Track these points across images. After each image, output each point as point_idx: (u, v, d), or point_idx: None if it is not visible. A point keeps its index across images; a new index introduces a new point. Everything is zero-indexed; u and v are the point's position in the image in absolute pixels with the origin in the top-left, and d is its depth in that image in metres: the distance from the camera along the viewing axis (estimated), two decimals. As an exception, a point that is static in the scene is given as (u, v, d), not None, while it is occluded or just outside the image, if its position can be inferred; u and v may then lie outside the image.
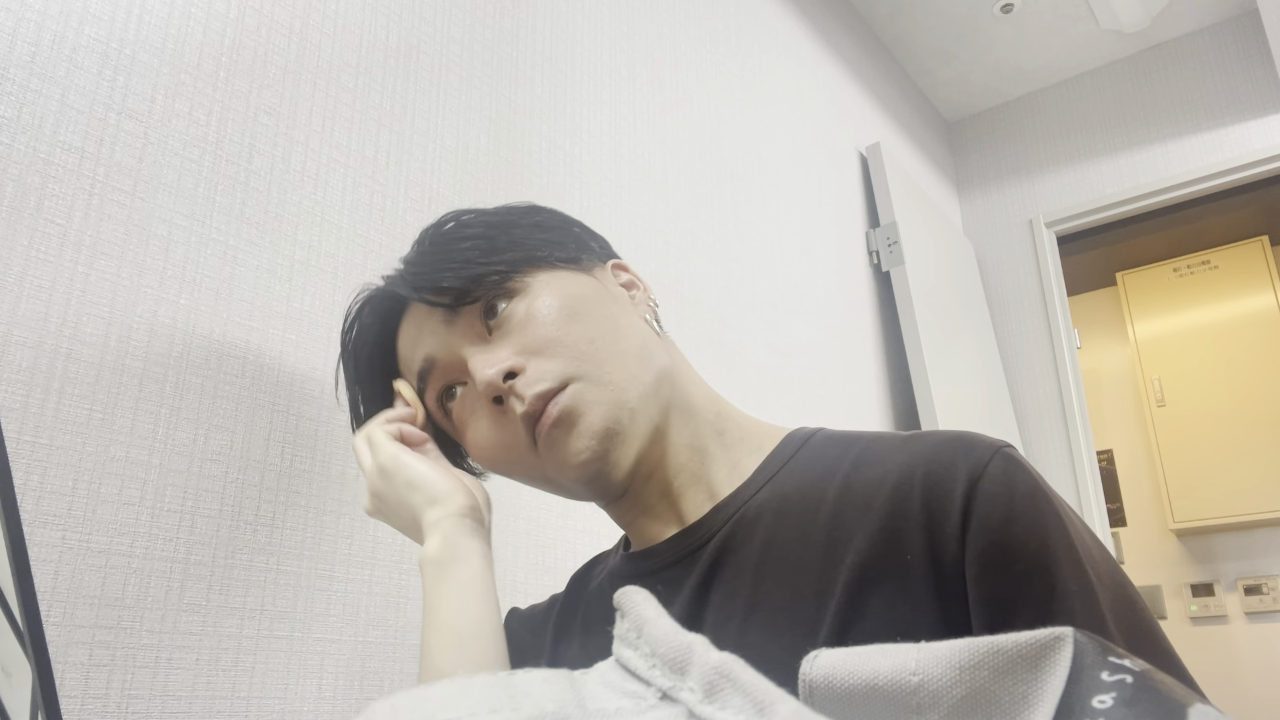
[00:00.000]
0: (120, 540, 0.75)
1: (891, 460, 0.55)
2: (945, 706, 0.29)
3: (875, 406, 2.09)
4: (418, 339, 0.65)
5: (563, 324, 0.61)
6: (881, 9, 2.52)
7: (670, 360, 0.65)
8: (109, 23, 0.83)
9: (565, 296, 0.62)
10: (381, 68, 1.10)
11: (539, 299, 0.62)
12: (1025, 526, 0.49)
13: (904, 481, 0.53)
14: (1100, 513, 2.46)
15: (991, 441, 0.53)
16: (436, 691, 0.31)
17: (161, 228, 0.83)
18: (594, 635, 0.65)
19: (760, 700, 0.28)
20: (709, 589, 0.57)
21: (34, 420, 0.72)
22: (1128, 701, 0.26)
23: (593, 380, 0.59)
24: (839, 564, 0.52)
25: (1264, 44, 2.46)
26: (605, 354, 0.60)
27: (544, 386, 0.58)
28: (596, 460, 0.58)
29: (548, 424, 0.58)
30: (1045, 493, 0.51)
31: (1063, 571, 0.48)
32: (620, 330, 0.62)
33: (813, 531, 0.55)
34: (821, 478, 0.57)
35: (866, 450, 0.57)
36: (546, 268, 0.64)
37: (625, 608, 0.38)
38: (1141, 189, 2.59)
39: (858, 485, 0.55)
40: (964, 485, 0.50)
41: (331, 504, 0.91)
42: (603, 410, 0.58)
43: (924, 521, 0.51)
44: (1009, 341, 2.66)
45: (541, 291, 0.62)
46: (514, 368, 0.59)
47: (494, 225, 0.66)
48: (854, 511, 0.54)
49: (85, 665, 0.71)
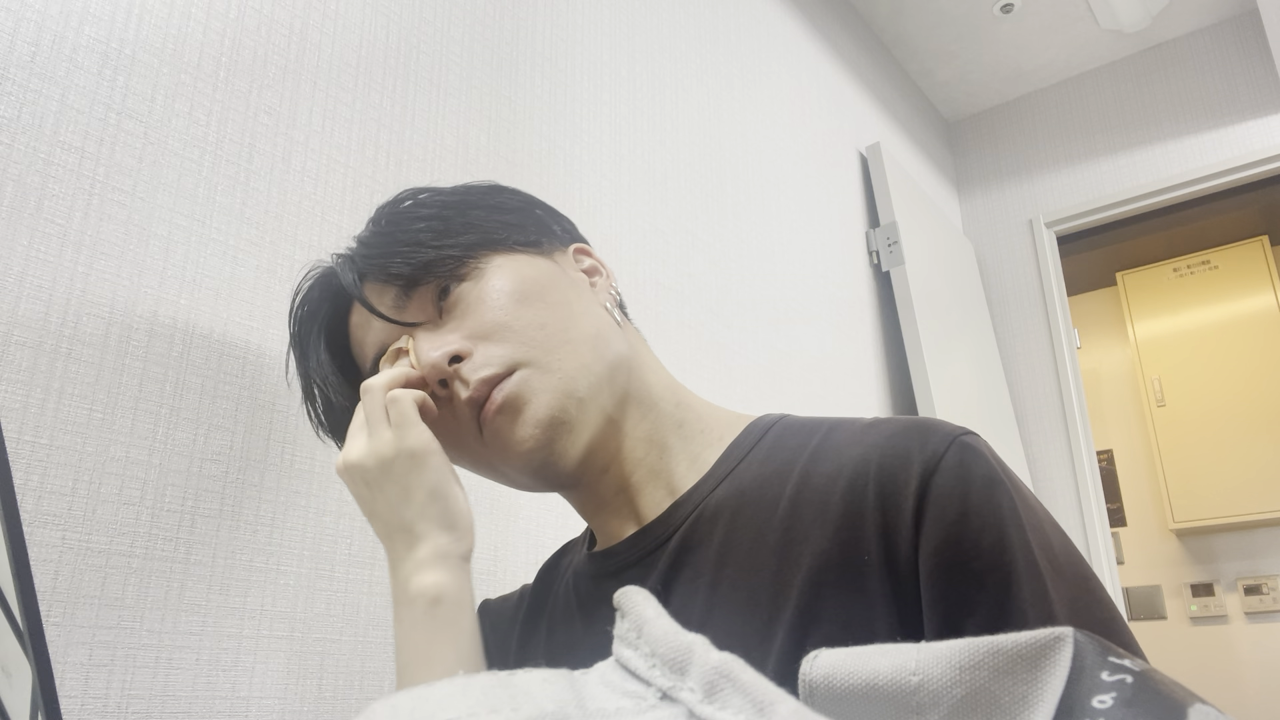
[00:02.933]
0: (120, 540, 0.75)
1: (847, 453, 0.53)
2: (945, 706, 0.29)
3: (875, 407, 2.09)
4: (369, 321, 0.63)
5: (513, 308, 0.58)
6: (881, 9, 2.52)
7: (629, 349, 0.62)
8: (109, 23, 0.83)
9: (518, 281, 0.60)
10: (381, 68, 1.10)
11: (491, 282, 0.60)
12: (981, 521, 0.47)
13: (859, 477, 0.51)
14: (1100, 513, 2.46)
15: (948, 430, 0.51)
16: (436, 691, 0.31)
17: (161, 228, 0.83)
18: (558, 634, 0.64)
19: (760, 700, 0.28)
20: (669, 591, 0.56)
21: (34, 420, 0.72)
22: (1128, 701, 0.26)
23: (540, 367, 0.57)
24: (795, 567, 0.51)
25: (1264, 44, 2.46)
26: (556, 340, 0.58)
27: (489, 372, 0.56)
28: (541, 450, 0.56)
29: (492, 410, 0.56)
30: (1002, 482, 0.49)
31: (1018, 567, 0.46)
32: (574, 317, 0.60)
33: (768, 532, 0.53)
34: (779, 472, 0.56)
35: (825, 440, 0.56)
36: (503, 251, 0.62)
37: (625, 608, 0.38)
38: (1141, 189, 2.59)
39: (815, 480, 0.53)
40: (918, 479, 0.49)
41: (332, 504, 0.91)
42: (548, 399, 0.56)
43: (879, 520, 0.49)
44: (1009, 341, 2.66)
45: (494, 275, 0.60)
46: (460, 351, 0.57)
47: (450, 205, 0.63)
48: (810, 511, 0.52)
49: (85, 665, 0.71)
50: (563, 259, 0.66)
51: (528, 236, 0.64)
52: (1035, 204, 2.76)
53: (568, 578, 0.67)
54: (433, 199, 0.64)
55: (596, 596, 0.61)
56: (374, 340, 0.63)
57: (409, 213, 0.63)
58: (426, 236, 0.60)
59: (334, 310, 0.66)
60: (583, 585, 0.64)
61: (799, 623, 0.49)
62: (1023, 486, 0.51)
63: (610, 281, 0.68)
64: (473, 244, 0.61)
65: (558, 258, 0.65)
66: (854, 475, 0.51)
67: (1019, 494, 0.50)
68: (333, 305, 0.66)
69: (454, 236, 0.61)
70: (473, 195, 0.65)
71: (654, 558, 0.58)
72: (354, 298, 0.62)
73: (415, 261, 0.59)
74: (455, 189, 0.66)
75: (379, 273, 0.61)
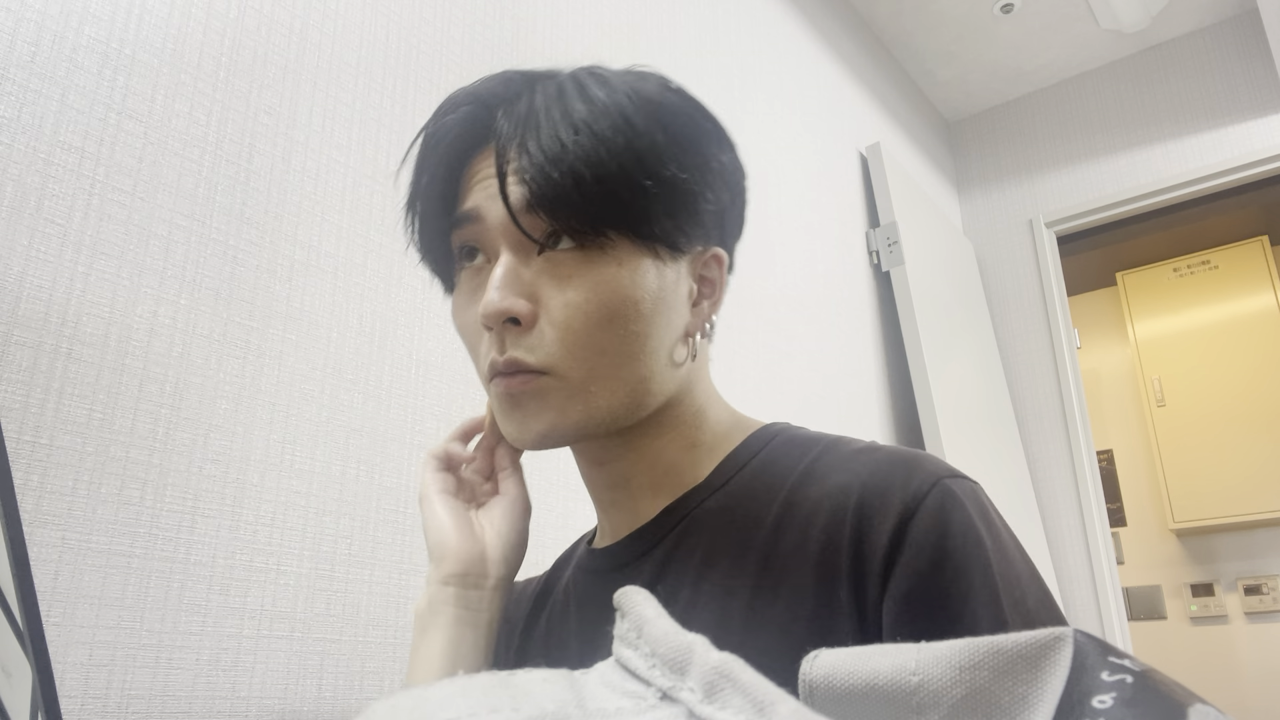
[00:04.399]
0: (120, 540, 0.75)
1: (833, 480, 0.52)
2: (945, 706, 0.29)
3: (875, 406, 2.09)
4: (485, 180, 0.56)
5: (589, 321, 0.53)
6: (881, 9, 2.52)
7: (677, 389, 0.59)
8: (109, 23, 0.83)
9: (616, 299, 0.54)
10: (381, 68, 1.09)
11: (601, 280, 0.53)
12: (952, 573, 0.46)
13: (839, 510, 0.50)
14: (1100, 513, 2.46)
15: (933, 470, 0.50)
16: (436, 691, 0.31)
17: (161, 228, 0.83)
18: (554, 624, 0.65)
19: (760, 700, 0.28)
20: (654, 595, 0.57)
21: (34, 420, 0.72)
22: (1128, 701, 0.26)
23: (572, 389, 0.54)
24: (771, 598, 0.50)
25: (1264, 44, 2.46)
26: (605, 372, 0.55)
27: (527, 359, 0.54)
28: (528, 447, 0.57)
29: (506, 389, 0.55)
30: (979, 534, 0.48)
31: (982, 626, 0.45)
32: (642, 351, 0.55)
33: (749, 552, 0.53)
34: (768, 489, 0.55)
35: (816, 462, 0.55)
36: (639, 246, 0.54)
37: (625, 608, 0.38)
38: (1141, 189, 2.59)
39: (800, 506, 0.53)
40: (894, 520, 0.48)
41: (331, 504, 0.91)
42: (558, 419, 0.55)
43: (851, 556, 0.48)
44: (1009, 341, 2.66)
45: (602, 271, 0.53)
46: (520, 317, 0.54)
47: (632, 152, 0.53)
48: (790, 540, 0.52)
49: (85, 665, 0.71)
50: (691, 263, 0.59)
51: (678, 239, 0.56)
52: (1035, 204, 2.76)
53: (572, 571, 0.68)
54: (619, 129, 0.53)
55: (589, 591, 0.63)
56: (473, 203, 0.57)
57: (587, 134, 0.52)
58: (584, 176, 0.51)
59: (464, 146, 0.59)
60: (579, 579, 0.65)
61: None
62: (1005, 536, 0.50)
63: (713, 311, 0.61)
64: (620, 219, 0.53)
65: (686, 264, 0.58)
66: (834, 507, 0.51)
67: (998, 546, 0.48)
68: (465, 143, 0.58)
69: (609, 199, 0.52)
70: (667, 147, 0.54)
71: (642, 563, 0.59)
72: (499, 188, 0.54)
73: (552, 199, 0.52)
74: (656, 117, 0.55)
75: (521, 173, 0.53)
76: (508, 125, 0.55)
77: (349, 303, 0.98)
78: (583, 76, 0.56)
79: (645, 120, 0.54)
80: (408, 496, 0.99)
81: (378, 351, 1.00)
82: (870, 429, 2.03)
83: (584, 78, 0.56)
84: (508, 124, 0.55)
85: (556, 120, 0.53)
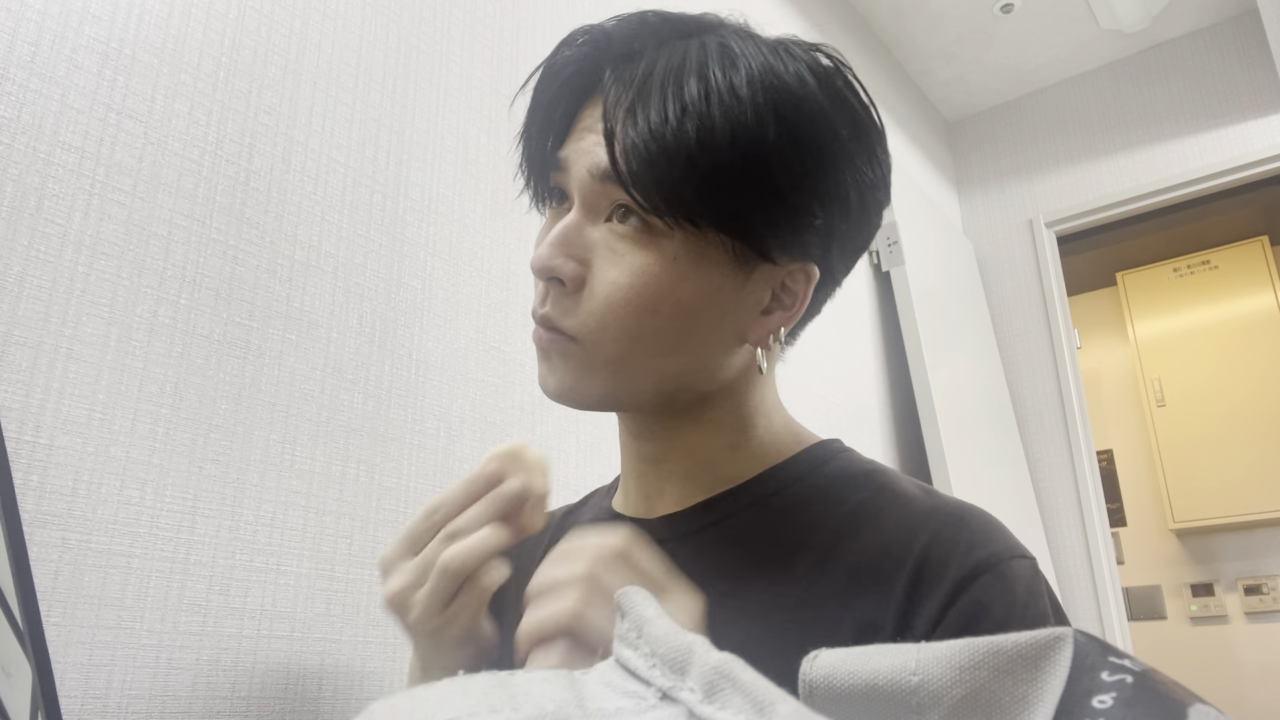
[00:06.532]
0: (120, 540, 0.75)
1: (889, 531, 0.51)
2: (945, 706, 0.29)
3: (875, 406, 2.09)
4: (583, 132, 0.54)
5: (628, 306, 0.51)
6: (881, 9, 2.52)
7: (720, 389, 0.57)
8: (109, 23, 0.83)
9: (661, 291, 0.51)
10: (381, 68, 1.10)
11: (649, 267, 0.50)
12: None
13: (893, 568, 0.49)
14: (1100, 513, 2.46)
15: (995, 548, 0.49)
16: (436, 691, 0.31)
17: (161, 228, 0.83)
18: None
19: (760, 700, 0.28)
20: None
21: (34, 420, 0.72)
22: (1128, 701, 0.26)
23: (598, 362, 0.52)
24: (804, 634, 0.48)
25: (1264, 44, 2.46)
26: (635, 359, 0.52)
27: (561, 321, 0.53)
28: (549, 397, 0.55)
29: (537, 338, 0.55)
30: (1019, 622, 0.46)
31: None
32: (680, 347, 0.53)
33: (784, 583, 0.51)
34: (817, 517, 0.54)
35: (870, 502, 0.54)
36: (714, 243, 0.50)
37: (625, 608, 0.37)
38: (1141, 189, 2.59)
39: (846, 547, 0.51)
40: (949, 587, 0.47)
41: (331, 504, 0.91)
42: (576, 385, 0.54)
43: (898, 617, 0.47)
44: (1009, 341, 2.66)
45: (657, 263, 0.50)
46: (566, 279, 0.52)
47: (741, 139, 0.48)
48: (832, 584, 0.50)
49: (85, 665, 0.71)
50: (771, 273, 0.54)
51: (776, 248, 0.51)
52: (1035, 204, 2.76)
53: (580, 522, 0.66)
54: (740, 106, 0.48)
55: None
56: (568, 152, 0.55)
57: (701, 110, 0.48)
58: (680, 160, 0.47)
59: (576, 91, 0.56)
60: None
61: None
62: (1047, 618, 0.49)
63: (788, 321, 0.56)
64: (700, 209, 0.49)
65: (765, 271, 0.53)
66: (890, 565, 0.49)
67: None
68: (577, 89, 0.56)
69: (708, 184, 0.48)
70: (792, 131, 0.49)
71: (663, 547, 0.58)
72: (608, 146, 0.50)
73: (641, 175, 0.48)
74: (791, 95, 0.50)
75: (610, 138, 0.50)
76: (616, 89, 0.51)
77: (349, 303, 0.98)
78: (714, 47, 0.51)
79: (765, 116, 0.48)
80: (408, 496, 0.99)
81: (378, 351, 1.00)
82: (870, 429, 2.03)
83: (715, 49, 0.50)
84: (616, 87, 0.51)
85: (668, 96, 0.48)
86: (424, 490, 1.01)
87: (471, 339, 1.11)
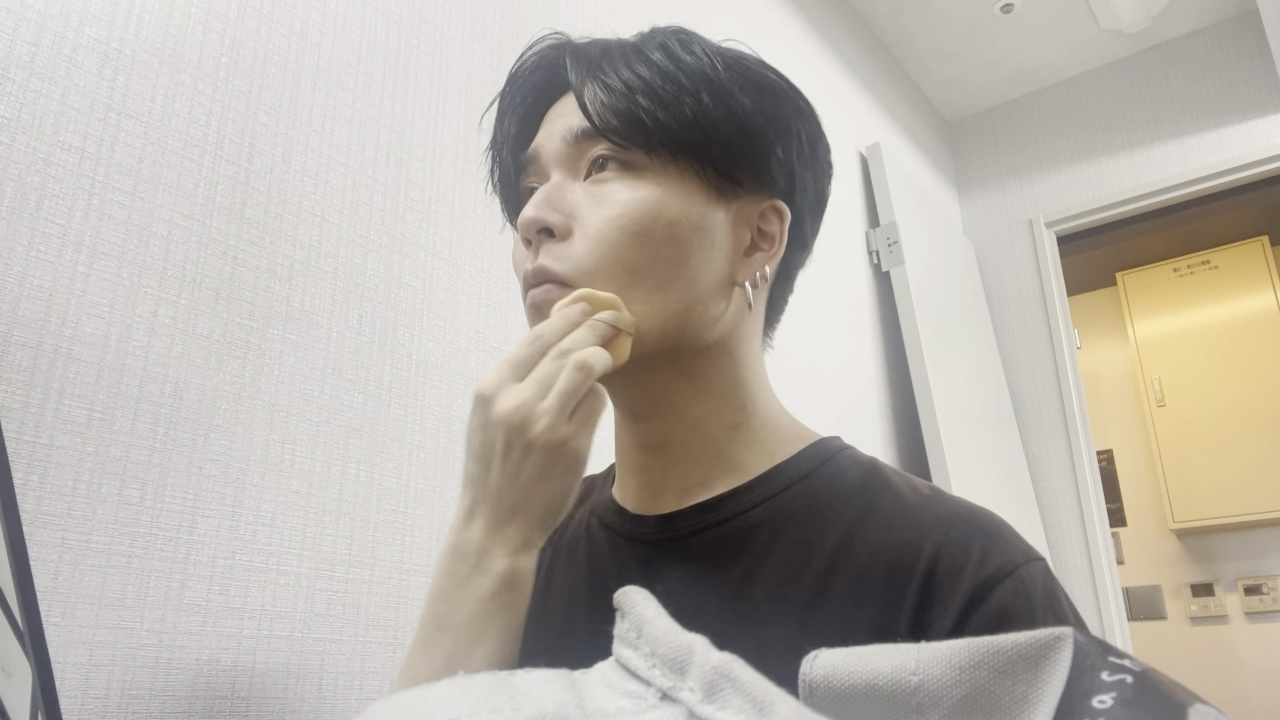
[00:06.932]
0: (120, 540, 0.75)
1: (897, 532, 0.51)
2: (945, 706, 0.29)
3: (875, 406, 2.09)
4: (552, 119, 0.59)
5: (621, 235, 0.53)
6: (881, 9, 2.52)
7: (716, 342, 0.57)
8: (109, 23, 0.83)
9: (651, 214, 0.54)
10: (381, 68, 1.10)
11: (628, 195, 0.54)
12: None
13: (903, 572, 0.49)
14: (1100, 513, 2.46)
15: (1009, 553, 0.49)
16: (436, 691, 0.31)
17: (161, 228, 0.83)
18: (558, 569, 0.62)
19: (760, 700, 0.28)
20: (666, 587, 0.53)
21: (34, 420, 0.72)
22: (1128, 701, 0.26)
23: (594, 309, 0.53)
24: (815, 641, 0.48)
25: (1264, 44, 2.46)
26: (635, 294, 0.53)
27: (553, 266, 0.54)
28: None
29: (531, 299, 0.55)
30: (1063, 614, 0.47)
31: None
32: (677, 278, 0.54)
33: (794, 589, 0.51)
34: (824, 519, 0.53)
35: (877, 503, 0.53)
36: (688, 171, 0.55)
37: (625, 608, 0.37)
38: (1141, 189, 2.59)
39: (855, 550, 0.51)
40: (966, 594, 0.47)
41: (331, 504, 0.91)
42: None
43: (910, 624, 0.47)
44: (1009, 341, 2.66)
45: (640, 189, 0.54)
46: (556, 230, 0.54)
47: (698, 78, 0.55)
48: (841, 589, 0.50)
49: (85, 665, 0.71)
50: (744, 208, 0.58)
51: (744, 173, 0.56)
52: (1035, 204, 2.76)
53: (583, 513, 0.65)
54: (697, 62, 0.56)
55: (605, 549, 0.60)
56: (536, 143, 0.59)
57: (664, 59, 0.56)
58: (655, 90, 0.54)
59: (544, 90, 0.62)
60: (596, 532, 0.62)
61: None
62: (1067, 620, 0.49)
63: (770, 261, 0.59)
64: (669, 141, 0.54)
65: (739, 206, 0.57)
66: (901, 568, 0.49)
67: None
68: (542, 91, 0.62)
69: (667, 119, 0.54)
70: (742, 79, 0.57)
71: (668, 546, 0.57)
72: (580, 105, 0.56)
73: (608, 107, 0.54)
74: (729, 54, 0.58)
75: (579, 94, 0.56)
76: (580, 63, 0.57)
77: (349, 303, 0.98)
78: (667, 32, 0.59)
79: (717, 64, 0.56)
80: (408, 496, 0.99)
81: (378, 351, 1.00)
82: (870, 429, 2.03)
83: (668, 33, 0.58)
84: (580, 62, 0.57)
85: (631, 59, 0.56)
86: (424, 490, 1.01)
87: (471, 339, 1.11)
